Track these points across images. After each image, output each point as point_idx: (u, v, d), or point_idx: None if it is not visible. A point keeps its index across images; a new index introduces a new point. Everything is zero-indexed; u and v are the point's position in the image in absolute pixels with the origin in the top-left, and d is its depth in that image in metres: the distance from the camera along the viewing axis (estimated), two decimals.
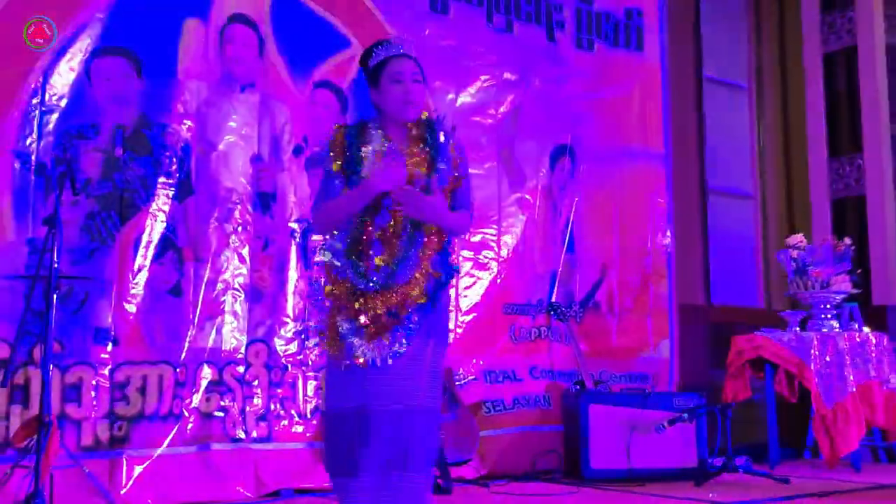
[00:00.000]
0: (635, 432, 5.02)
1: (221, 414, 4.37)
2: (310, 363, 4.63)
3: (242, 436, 4.39)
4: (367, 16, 5.01)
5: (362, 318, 2.67)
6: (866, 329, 5.79)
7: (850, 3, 7.31)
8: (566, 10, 5.83)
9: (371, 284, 2.67)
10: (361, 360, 2.65)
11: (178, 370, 4.29)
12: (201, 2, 4.54)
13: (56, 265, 3.51)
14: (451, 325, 4.97)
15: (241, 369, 4.45)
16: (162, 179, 4.34)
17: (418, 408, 2.69)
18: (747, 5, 7.82)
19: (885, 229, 7.05)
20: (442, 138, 2.80)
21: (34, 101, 4.10)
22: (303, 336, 4.63)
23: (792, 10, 7.74)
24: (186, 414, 4.28)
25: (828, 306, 5.76)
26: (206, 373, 4.36)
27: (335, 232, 2.76)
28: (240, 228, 4.52)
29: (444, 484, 4.41)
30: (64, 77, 4.18)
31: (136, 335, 4.22)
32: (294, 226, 4.67)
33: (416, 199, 2.71)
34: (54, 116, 4.14)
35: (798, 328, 5.74)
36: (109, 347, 4.14)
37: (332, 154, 2.79)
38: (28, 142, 4.06)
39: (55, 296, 3.53)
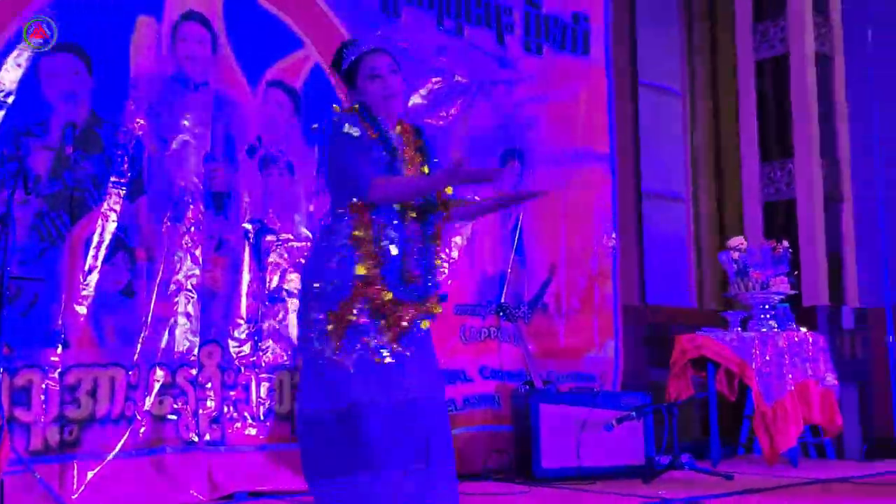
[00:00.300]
0: (585, 431, 5.09)
1: (174, 417, 4.30)
2: (263, 364, 4.59)
3: (195, 439, 4.33)
4: (320, 16, 4.98)
5: (385, 322, 2.66)
6: (803, 329, 5.97)
7: (782, 13, 7.52)
8: (515, 13, 5.87)
9: (413, 296, 2.68)
10: (377, 359, 2.64)
11: (130, 372, 4.21)
12: None
13: (8, 267, 3.43)
14: None
15: (193, 371, 4.38)
16: (113, 178, 4.25)
17: (435, 399, 2.70)
18: (680, 12, 7.98)
19: (815, 232, 7.26)
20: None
21: None
22: (255, 338, 4.59)
23: (725, 17, 7.91)
24: (139, 417, 4.20)
25: (767, 307, 5.92)
26: (159, 375, 4.29)
27: (386, 225, 2.75)
28: (193, 228, 4.45)
29: None
30: (11, 73, 4.07)
31: (86, 337, 4.13)
32: (248, 226, 4.62)
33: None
34: (1, 114, 4.03)
35: (739, 328, 5.90)
36: (59, 350, 4.05)
37: (363, 125, 2.75)
38: None
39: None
